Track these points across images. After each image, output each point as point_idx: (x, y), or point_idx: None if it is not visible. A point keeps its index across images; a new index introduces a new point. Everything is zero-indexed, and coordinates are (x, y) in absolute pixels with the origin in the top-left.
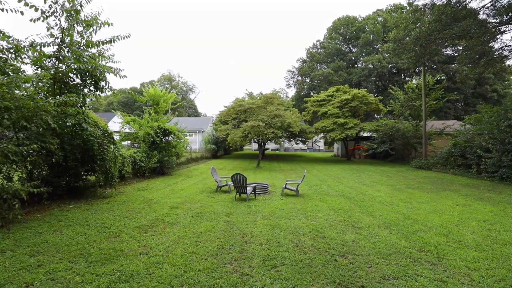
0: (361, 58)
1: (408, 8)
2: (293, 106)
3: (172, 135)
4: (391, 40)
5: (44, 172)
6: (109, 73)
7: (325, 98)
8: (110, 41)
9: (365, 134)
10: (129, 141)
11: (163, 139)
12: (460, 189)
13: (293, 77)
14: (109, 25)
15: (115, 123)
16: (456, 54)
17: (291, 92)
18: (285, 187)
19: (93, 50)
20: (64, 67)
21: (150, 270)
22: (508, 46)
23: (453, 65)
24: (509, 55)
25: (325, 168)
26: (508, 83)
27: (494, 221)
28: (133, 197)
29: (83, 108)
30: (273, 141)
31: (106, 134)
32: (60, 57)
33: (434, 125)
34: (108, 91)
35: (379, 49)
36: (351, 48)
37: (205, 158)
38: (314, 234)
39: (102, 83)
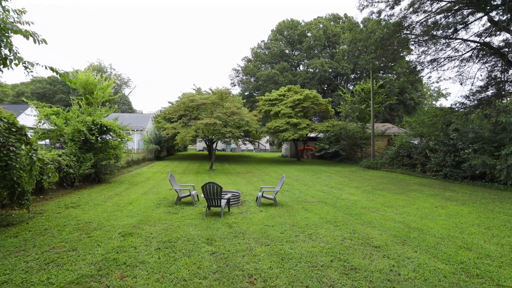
0: (304, 61)
1: (344, 19)
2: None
3: (111, 132)
4: (347, 42)
5: None
6: (16, 34)
7: (277, 97)
8: None
9: (312, 135)
10: (48, 140)
11: (98, 138)
12: (421, 189)
13: (238, 76)
14: None
15: (29, 116)
16: (382, 65)
17: (235, 91)
18: (262, 196)
19: None
20: None
21: None
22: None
23: (380, 74)
24: (423, 68)
25: (281, 169)
26: (421, 93)
27: (485, 224)
28: (59, 220)
29: None
30: (222, 141)
31: (14, 130)
32: None
33: (378, 127)
34: (16, 64)
35: (335, 51)
36: (294, 52)
37: (148, 160)
38: (339, 264)
39: (5, 50)
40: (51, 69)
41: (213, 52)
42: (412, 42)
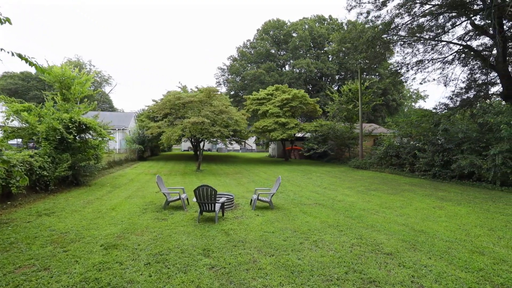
0: (290, 62)
1: (329, 20)
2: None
3: (91, 131)
4: (336, 41)
5: None
6: None
7: (265, 96)
8: None
9: (299, 135)
10: (19, 139)
11: (77, 137)
12: (413, 189)
13: (224, 75)
14: None
15: None
16: (365, 67)
17: (221, 90)
18: (258, 199)
19: None
20: None
21: None
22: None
23: (364, 75)
24: (407, 70)
25: (270, 170)
26: (403, 94)
27: (487, 225)
28: (29, 231)
29: None
30: (209, 140)
31: None
32: None
33: (365, 127)
34: None
35: (321, 52)
36: (280, 52)
37: (131, 160)
38: (356, 277)
39: None
40: (19, 56)
41: (197, 51)
42: (399, 44)
